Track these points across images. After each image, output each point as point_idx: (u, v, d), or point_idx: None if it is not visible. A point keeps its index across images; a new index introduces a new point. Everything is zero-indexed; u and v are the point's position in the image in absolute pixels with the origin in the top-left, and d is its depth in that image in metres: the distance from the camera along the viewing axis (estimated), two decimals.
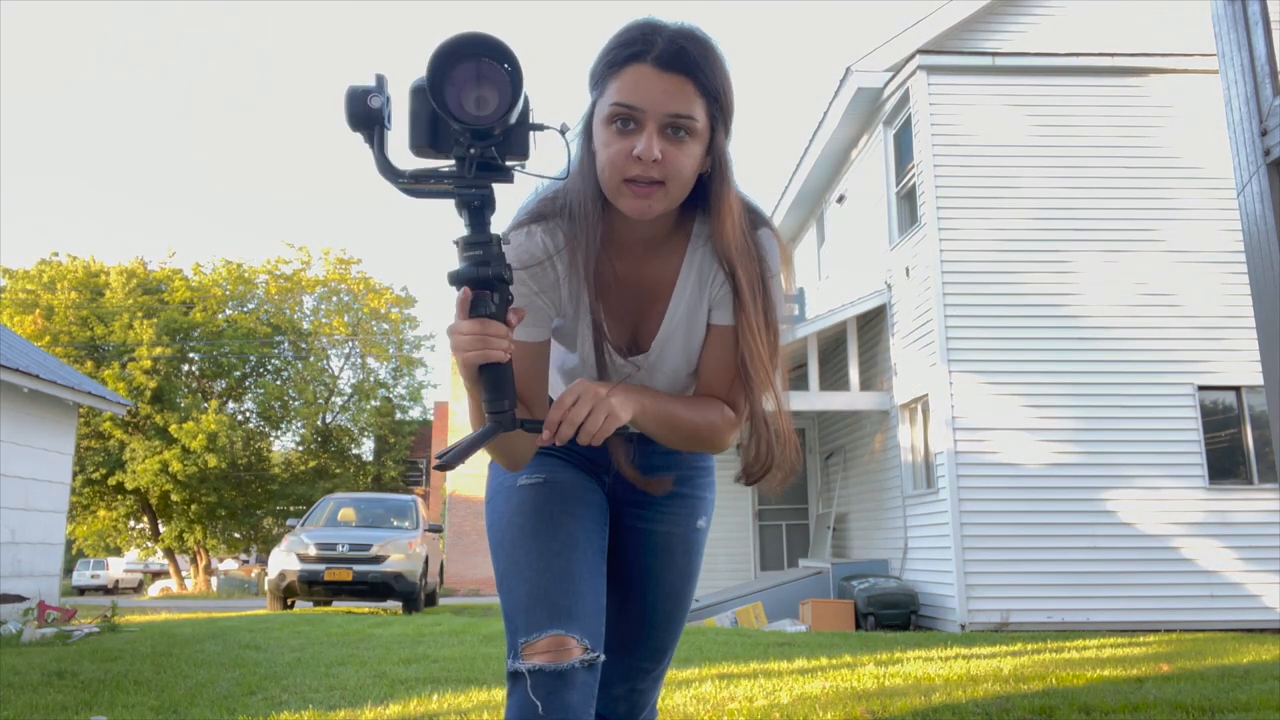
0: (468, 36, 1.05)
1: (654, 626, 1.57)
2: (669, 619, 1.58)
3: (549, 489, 1.42)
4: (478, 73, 1.05)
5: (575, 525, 1.39)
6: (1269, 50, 2.68)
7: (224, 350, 30.17)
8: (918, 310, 9.90)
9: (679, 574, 1.56)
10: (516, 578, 1.34)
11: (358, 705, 4.01)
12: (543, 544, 1.35)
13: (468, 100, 1.05)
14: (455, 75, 1.05)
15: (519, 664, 1.27)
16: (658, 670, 1.61)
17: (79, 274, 29.20)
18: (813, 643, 7.12)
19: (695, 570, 1.59)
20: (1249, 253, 2.70)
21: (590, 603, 1.33)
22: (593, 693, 1.29)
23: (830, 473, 12.92)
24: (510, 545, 1.38)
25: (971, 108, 9.90)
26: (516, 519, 1.39)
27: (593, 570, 1.37)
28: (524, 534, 1.37)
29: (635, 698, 1.60)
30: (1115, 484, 9.02)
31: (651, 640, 1.57)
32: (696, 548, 1.58)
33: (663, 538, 1.55)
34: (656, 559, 1.55)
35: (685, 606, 1.60)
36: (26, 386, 9.15)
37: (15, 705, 4.08)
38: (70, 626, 8.13)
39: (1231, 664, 5.51)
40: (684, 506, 1.56)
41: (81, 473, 26.60)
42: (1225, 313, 9.27)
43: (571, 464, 1.48)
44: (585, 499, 1.45)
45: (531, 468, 1.44)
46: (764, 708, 3.87)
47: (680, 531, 1.55)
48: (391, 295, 33.05)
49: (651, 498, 1.52)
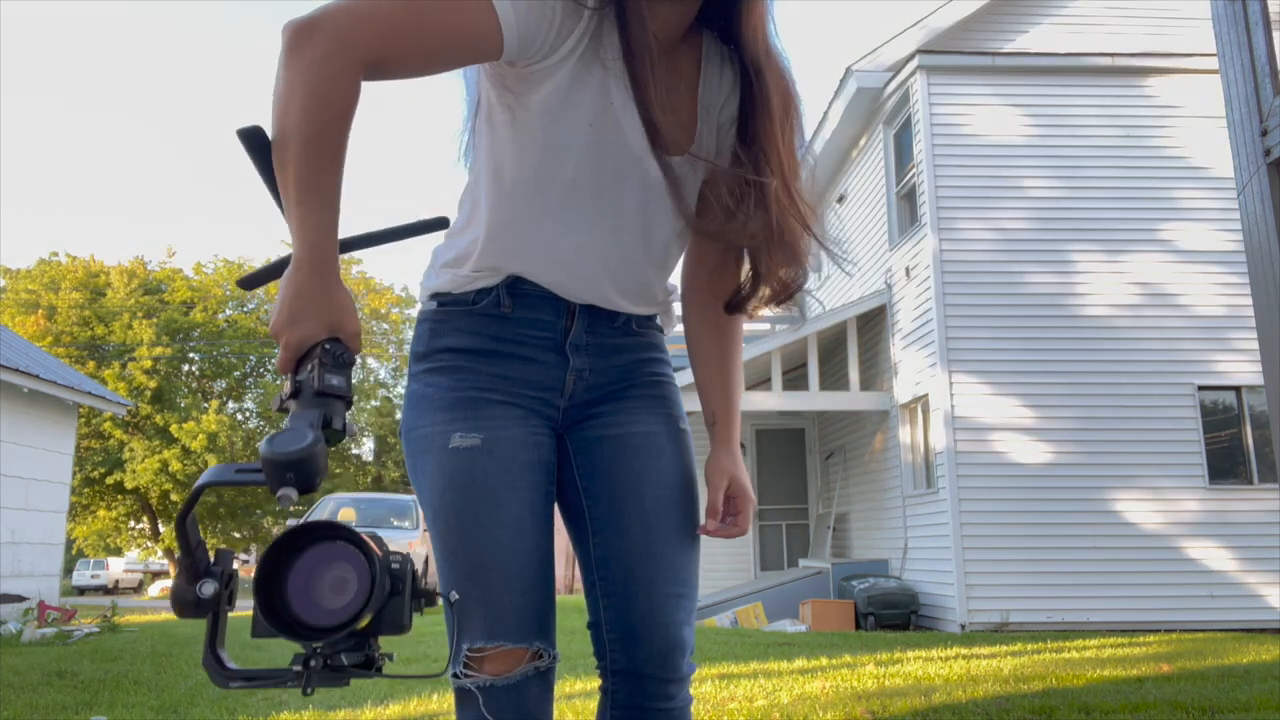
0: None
1: (663, 539, 1.29)
2: (681, 530, 1.30)
3: (488, 456, 1.20)
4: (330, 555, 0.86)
5: (519, 502, 1.21)
6: (1269, 50, 2.68)
7: (224, 350, 30.20)
8: (918, 310, 9.90)
9: (676, 474, 1.33)
10: (456, 570, 1.19)
11: (358, 705, 4.01)
12: (484, 530, 1.19)
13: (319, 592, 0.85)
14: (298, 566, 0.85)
15: (467, 680, 1.17)
16: (687, 598, 1.31)
17: (79, 274, 29.22)
18: (813, 643, 7.11)
19: (694, 476, 1.37)
20: (1249, 253, 2.70)
21: (538, 598, 1.21)
22: (550, 687, 1.23)
23: (830, 473, 12.92)
24: (446, 529, 1.21)
25: (971, 108, 9.90)
26: (451, 496, 1.20)
27: (541, 557, 1.23)
28: (461, 517, 1.19)
29: (668, 636, 1.26)
30: (1115, 484, 9.01)
31: (670, 556, 1.28)
32: (688, 450, 1.37)
33: (644, 438, 1.33)
34: (647, 460, 1.31)
35: (694, 522, 1.33)
36: (26, 386, 9.15)
37: (15, 705, 4.08)
38: (70, 626, 8.13)
39: (1231, 664, 5.50)
40: (657, 406, 1.36)
41: (81, 472, 26.60)
42: (1225, 313, 9.27)
43: (513, 404, 1.25)
44: (529, 460, 1.24)
45: (466, 419, 1.22)
46: (764, 708, 3.87)
47: (661, 429, 1.34)
48: (392, 295, 33.10)
49: (621, 399, 1.33)
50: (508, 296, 1.26)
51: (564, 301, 1.28)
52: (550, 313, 1.27)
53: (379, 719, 3.75)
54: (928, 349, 9.57)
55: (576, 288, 1.27)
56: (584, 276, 1.26)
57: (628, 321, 1.34)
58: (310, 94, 0.97)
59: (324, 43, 0.97)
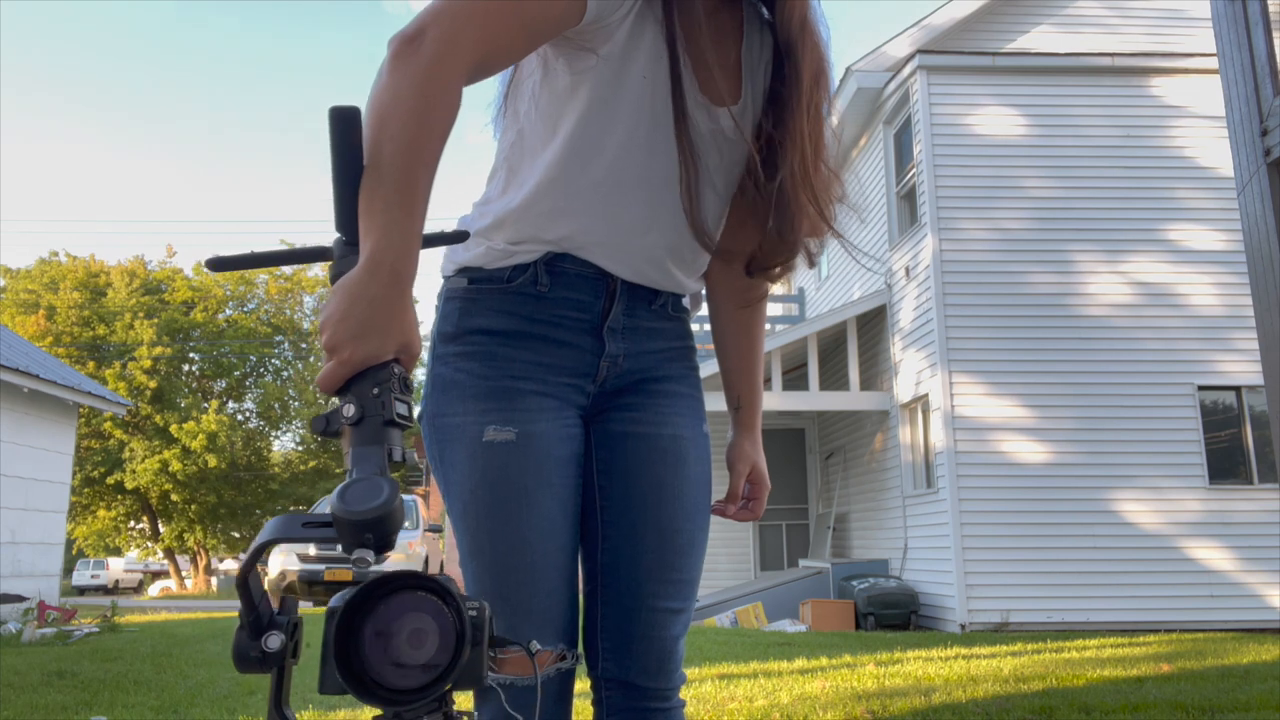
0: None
1: (676, 553, 1.27)
2: (691, 543, 1.29)
3: (522, 452, 1.17)
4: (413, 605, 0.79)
5: (550, 500, 1.19)
6: (1269, 50, 2.68)
7: (224, 350, 30.21)
8: (917, 310, 9.90)
9: (695, 484, 1.30)
10: (482, 567, 1.18)
11: (358, 705, 4.01)
12: (514, 530, 1.17)
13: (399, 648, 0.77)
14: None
15: (489, 677, 1.17)
16: (686, 612, 1.30)
17: (79, 274, 29.24)
18: (813, 643, 7.12)
19: (711, 483, 1.35)
20: (1249, 253, 2.70)
21: (563, 599, 1.21)
22: (571, 687, 1.24)
23: (830, 473, 12.92)
24: (476, 526, 1.18)
25: (971, 108, 9.90)
26: (482, 493, 1.17)
27: (568, 557, 1.22)
28: (492, 515, 1.17)
29: (664, 650, 1.26)
30: (1115, 484, 9.02)
31: (675, 571, 1.27)
32: (709, 455, 1.35)
33: (671, 441, 1.29)
34: (668, 469, 1.28)
35: (706, 528, 1.32)
36: (26, 386, 9.15)
37: (15, 705, 4.08)
38: (70, 626, 8.13)
39: (1231, 664, 5.50)
40: (686, 406, 1.33)
41: (81, 472, 26.61)
42: (1225, 313, 9.27)
43: (547, 395, 1.22)
44: (562, 455, 1.21)
45: (500, 410, 1.18)
46: (764, 708, 3.87)
47: (688, 434, 1.31)
48: None
49: (651, 393, 1.30)
50: (545, 274, 1.22)
51: (603, 281, 1.24)
52: (589, 293, 1.24)
53: None
54: (928, 349, 9.57)
55: (629, 251, 1.24)
56: (639, 232, 1.23)
57: (665, 304, 1.32)
58: (419, 99, 0.95)
59: (433, 51, 0.96)
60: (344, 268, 0.90)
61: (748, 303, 1.43)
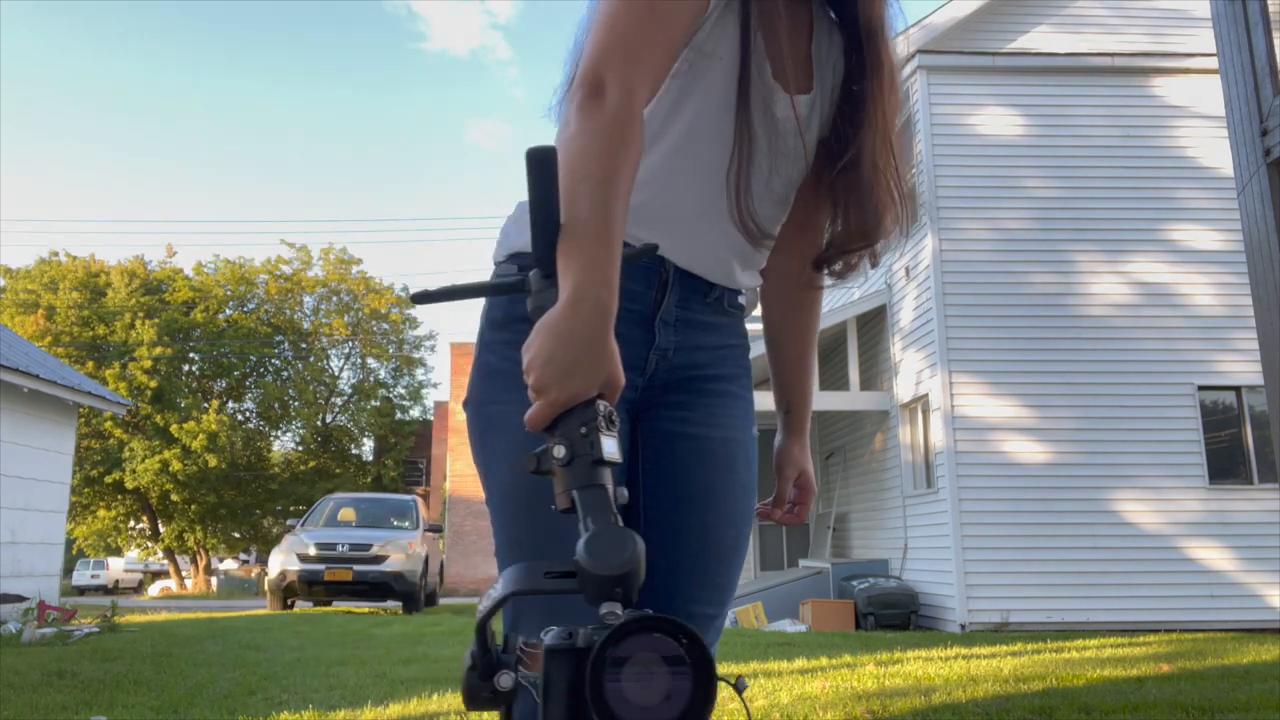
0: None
1: (717, 558, 1.25)
2: (733, 549, 1.27)
3: None
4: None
5: None
6: (1269, 50, 2.68)
7: (224, 350, 30.22)
8: (917, 310, 9.91)
9: (743, 489, 1.29)
10: (517, 559, 1.16)
11: (358, 705, 4.01)
12: (552, 522, 1.10)
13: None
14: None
15: (519, 675, 1.17)
16: (721, 618, 1.29)
17: (79, 274, 29.24)
18: (813, 643, 7.12)
19: (756, 486, 1.33)
20: (1249, 253, 2.70)
21: None
22: None
23: (830, 473, 12.92)
24: (514, 517, 1.18)
25: (971, 108, 9.90)
26: (523, 482, 1.14)
27: None
28: (531, 506, 1.16)
29: None
30: (1115, 484, 9.02)
31: (714, 576, 1.25)
32: (755, 458, 1.34)
33: (722, 444, 1.28)
34: (717, 473, 1.26)
35: (749, 535, 1.30)
36: (26, 386, 9.15)
37: (15, 705, 4.08)
38: (70, 626, 8.13)
39: (1231, 664, 5.51)
40: (738, 408, 1.32)
41: (81, 472, 26.61)
42: (1225, 313, 9.27)
43: None
44: None
45: None
46: (764, 708, 3.87)
47: (740, 438, 1.30)
48: (392, 295, 33.09)
49: (703, 393, 1.29)
50: None
51: (655, 271, 1.23)
52: (641, 282, 1.22)
53: (379, 719, 3.75)
54: (928, 349, 9.57)
55: (686, 235, 1.23)
56: (697, 215, 1.23)
57: (720, 299, 1.30)
58: (610, 143, 1.00)
59: (616, 100, 1.02)
60: (543, 301, 0.93)
61: (805, 286, 1.44)
